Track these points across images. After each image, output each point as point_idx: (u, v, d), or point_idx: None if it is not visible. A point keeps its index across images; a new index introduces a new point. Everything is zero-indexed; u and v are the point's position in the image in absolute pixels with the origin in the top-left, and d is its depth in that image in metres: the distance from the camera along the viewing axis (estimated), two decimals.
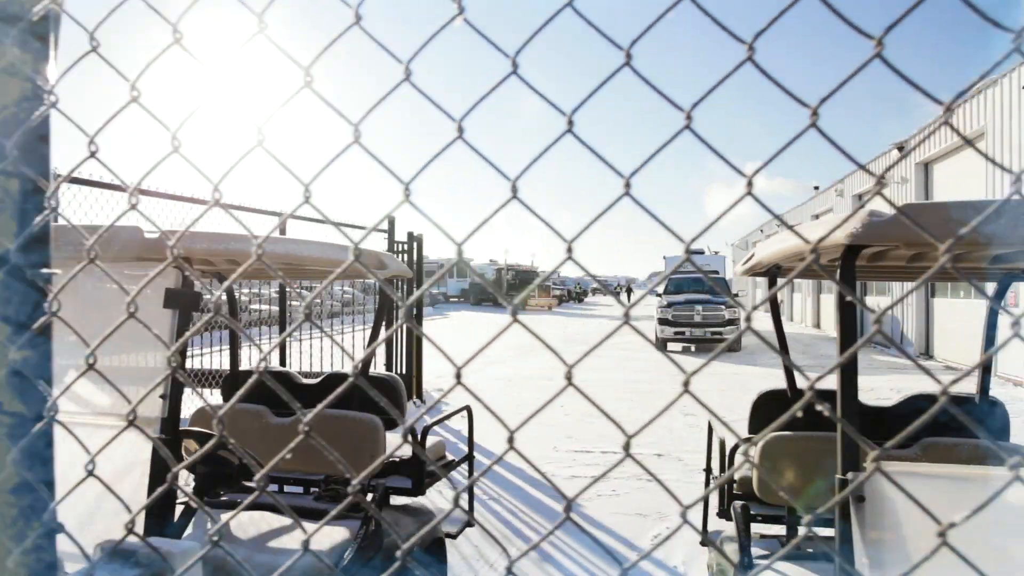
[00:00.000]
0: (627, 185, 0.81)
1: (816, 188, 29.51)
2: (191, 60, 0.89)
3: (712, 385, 12.13)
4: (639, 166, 0.82)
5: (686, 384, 0.76)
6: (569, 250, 0.85)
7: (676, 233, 0.85)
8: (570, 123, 0.82)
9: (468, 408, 4.03)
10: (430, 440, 3.57)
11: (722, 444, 3.17)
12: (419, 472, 3.21)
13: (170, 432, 1.93)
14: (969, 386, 3.09)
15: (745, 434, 3.03)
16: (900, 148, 17.39)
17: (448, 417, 3.46)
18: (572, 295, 52.85)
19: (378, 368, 9.15)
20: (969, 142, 0.74)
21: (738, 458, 2.99)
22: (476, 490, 5.85)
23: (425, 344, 9.90)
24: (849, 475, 1.51)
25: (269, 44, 0.87)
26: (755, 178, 0.77)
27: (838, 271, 1.64)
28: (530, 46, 0.81)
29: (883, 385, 11.72)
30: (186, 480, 2.36)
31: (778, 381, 3.23)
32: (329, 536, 2.70)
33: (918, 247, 1.73)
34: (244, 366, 3.97)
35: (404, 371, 9.41)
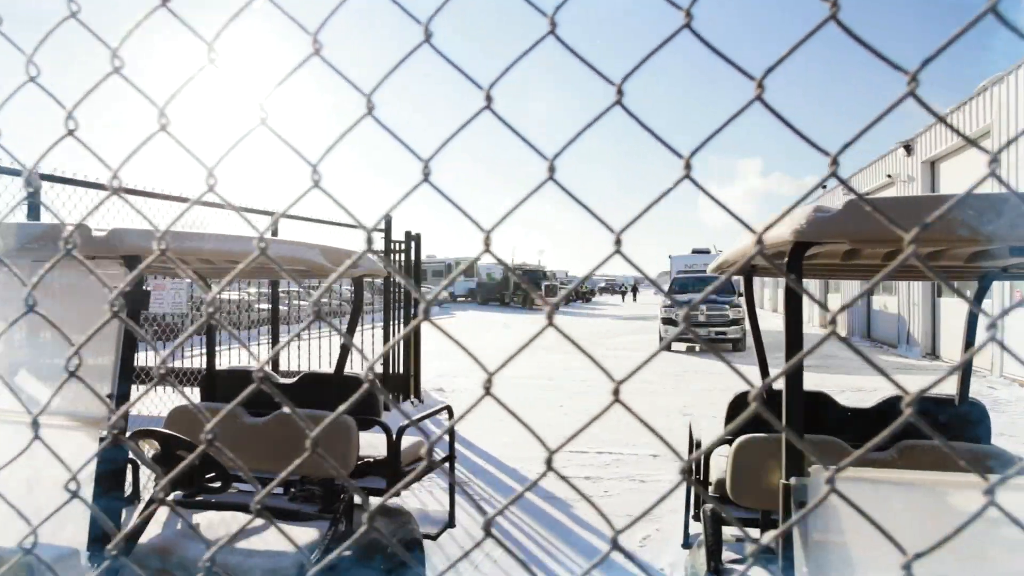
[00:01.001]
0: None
1: (824, 187, 29.37)
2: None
3: (714, 385, 12.06)
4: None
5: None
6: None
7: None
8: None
9: (449, 408, 4.00)
10: (409, 440, 3.54)
11: (697, 446, 3.13)
12: (394, 473, 3.19)
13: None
14: (950, 387, 3.03)
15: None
16: (907, 147, 17.23)
17: (426, 417, 3.43)
18: (579, 294, 52.79)
19: (376, 368, 9.13)
20: (969, 140, 0.70)
21: (713, 460, 2.95)
22: (465, 489, 5.82)
23: (423, 344, 9.88)
24: (792, 480, 1.47)
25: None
26: (749, 175, 0.73)
27: (786, 268, 1.59)
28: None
29: (887, 386, 11.60)
30: (148, 480, 2.35)
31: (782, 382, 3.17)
32: (298, 537, 2.67)
33: (865, 244, 1.68)
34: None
35: (402, 370, 9.39)
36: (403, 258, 9.21)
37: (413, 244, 9.29)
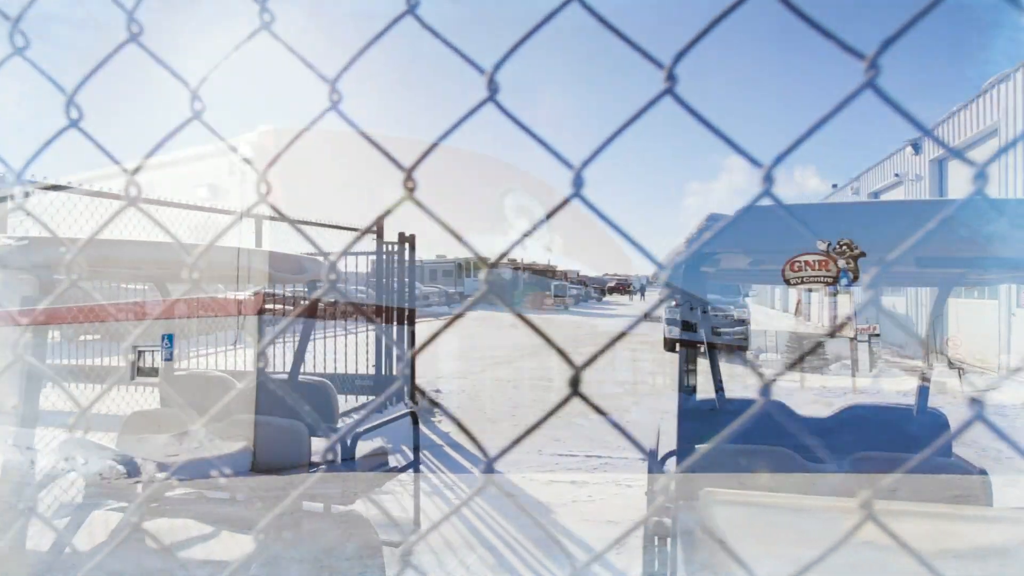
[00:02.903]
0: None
1: (834, 186, 29.11)
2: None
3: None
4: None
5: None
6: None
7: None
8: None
9: (413, 415, 3.94)
10: (369, 446, 3.49)
11: (655, 453, 3.05)
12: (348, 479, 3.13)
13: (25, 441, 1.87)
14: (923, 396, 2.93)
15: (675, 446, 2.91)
16: (915, 145, 17.00)
17: (385, 424, 3.37)
18: (589, 294, 52.63)
19: (369, 370, 9.11)
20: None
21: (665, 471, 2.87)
22: (448, 494, 5.77)
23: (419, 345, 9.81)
24: (679, 503, 1.40)
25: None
26: (735, 170, 0.64)
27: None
28: None
29: (892, 388, 11.45)
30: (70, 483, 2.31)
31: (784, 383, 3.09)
32: (240, 545, 2.63)
33: (758, 255, 1.60)
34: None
35: (395, 372, 9.34)
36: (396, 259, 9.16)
37: (407, 246, 9.24)
